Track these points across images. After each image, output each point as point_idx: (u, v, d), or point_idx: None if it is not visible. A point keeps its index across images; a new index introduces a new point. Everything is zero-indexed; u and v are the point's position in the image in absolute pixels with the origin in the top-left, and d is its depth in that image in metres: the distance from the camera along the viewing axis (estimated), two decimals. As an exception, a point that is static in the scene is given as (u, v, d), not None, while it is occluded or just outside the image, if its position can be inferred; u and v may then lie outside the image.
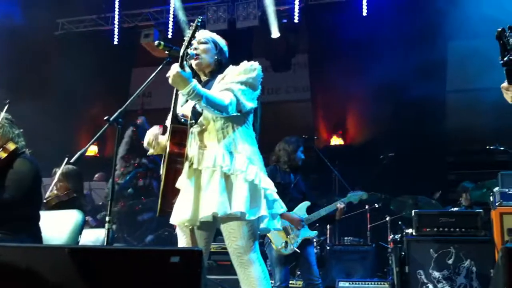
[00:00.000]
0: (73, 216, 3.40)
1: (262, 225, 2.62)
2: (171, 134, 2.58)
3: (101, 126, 2.70)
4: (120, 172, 6.68)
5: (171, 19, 8.81)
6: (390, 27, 7.51)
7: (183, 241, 2.69)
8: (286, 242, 4.38)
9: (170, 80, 2.47)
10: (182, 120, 2.63)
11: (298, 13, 8.15)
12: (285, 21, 8.26)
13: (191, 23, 2.55)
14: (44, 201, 4.33)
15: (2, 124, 3.17)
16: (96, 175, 7.48)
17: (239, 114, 2.60)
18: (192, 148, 2.63)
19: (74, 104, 9.13)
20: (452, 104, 7.98)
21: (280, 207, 2.68)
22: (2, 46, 7.55)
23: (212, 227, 2.70)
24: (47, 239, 3.26)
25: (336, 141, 8.61)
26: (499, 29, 2.33)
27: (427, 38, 7.52)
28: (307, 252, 4.47)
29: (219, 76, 2.70)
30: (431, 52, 7.47)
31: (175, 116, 2.60)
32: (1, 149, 3.10)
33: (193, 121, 2.64)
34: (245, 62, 2.68)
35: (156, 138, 2.80)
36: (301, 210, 4.53)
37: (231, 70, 2.69)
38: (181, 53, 2.51)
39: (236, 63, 2.76)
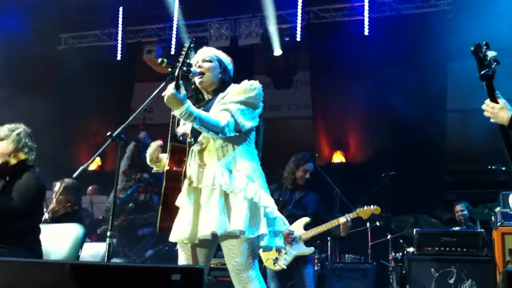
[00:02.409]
0: (74, 230, 3.40)
1: (262, 243, 2.61)
2: (171, 152, 2.61)
3: (103, 140, 2.71)
4: (121, 186, 6.66)
5: (174, 35, 8.88)
6: (391, 47, 7.56)
7: (183, 258, 2.69)
8: (277, 258, 4.30)
9: (165, 100, 2.49)
10: (181, 138, 2.64)
11: (300, 31, 8.21)
12: (287, 39, 8.31)
13: (185, 45, 2.55)
14: (50, 212, 4.49)
15: (20, 132, 3.25)
16: (90, 188, 7.40)
17: (237, 134, 2.60)
18: (191, 166, 2.63)
19: (76, 118, 9.17)
20: (453, 124, 7.99)
21: (283, 224, 2.67)
22: (5, 60, 7.59)
23: (212, 244, 2.69)
24: (47, 252, 3.25)
25: (337, 158, 8.61)
26: (475, 44, 2.34)
27: (428, 58, 7.56)
28: (302, 271, 4.34)
29: (220, 95, 2.70)
30: (431, 72, 7.52)
31: (173, 135, 2.61)
32: (12, 155, 3.17)
33: (192, 139, 2.65)
34: (246, 81, 2.69)
35: (156, 154, 2.81)
36: (297, 226, 4.42)
37: (231, 89, 2.69)
38: (175, 74, 2.51)
39: (238, 80, 2.77)
